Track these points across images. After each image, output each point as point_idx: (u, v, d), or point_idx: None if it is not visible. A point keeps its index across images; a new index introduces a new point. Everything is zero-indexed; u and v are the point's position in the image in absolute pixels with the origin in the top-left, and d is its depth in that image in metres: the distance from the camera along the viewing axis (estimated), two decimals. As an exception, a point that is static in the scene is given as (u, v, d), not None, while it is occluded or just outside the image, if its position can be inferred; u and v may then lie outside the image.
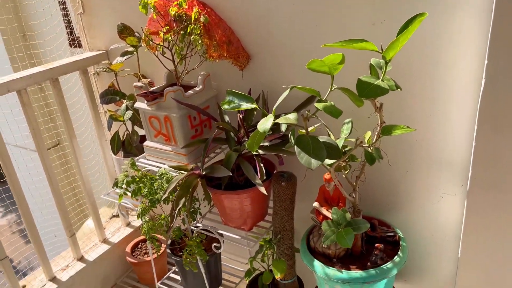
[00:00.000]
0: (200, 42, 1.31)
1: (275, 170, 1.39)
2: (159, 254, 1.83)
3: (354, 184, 1.20)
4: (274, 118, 0.97)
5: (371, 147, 1.12)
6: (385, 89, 0.94)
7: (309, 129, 1.04)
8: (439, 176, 1.26)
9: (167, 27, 1.31)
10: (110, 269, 1.91)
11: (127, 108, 1.56)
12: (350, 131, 1.16)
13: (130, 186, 1.39)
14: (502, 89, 1.01)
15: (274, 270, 1.37)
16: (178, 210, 1.27)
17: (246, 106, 1.03)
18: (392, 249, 1.26)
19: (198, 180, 1.30)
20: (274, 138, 1.29)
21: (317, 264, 1.22)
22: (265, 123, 0.96)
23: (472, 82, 1.10)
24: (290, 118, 0.97)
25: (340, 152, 1.05)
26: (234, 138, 1.36)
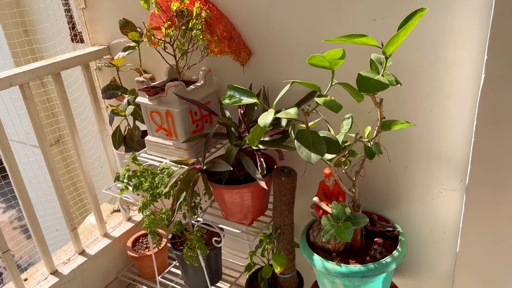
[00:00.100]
0: (201, 37, 1.32)
1: (276, 165, 1.40)
2: (160, 248, 1.84)
3: (354, 179, 1.21)
4: (274, 113, 0.98)
5: (371, 142, 1.12)
6: (385, 84, 0.94)
7: (309, 124, 1.05)
8: (438, 171, 1.26)
9: (169, 22, 1.31)
10: (111, 263, 1.92)
11: (129, 103, 1.56)
12: (350, 126, 1.16)
13: (132, 180, 1.40)
14: (502, 84, 1.01)
15: (274, 264, 1.38)
16: (179, 204, 1.28)
17: (247, 100, 1.04)
18: (391, 243, 1.27)
19: (199, 174, 1.31)
20: (275, 133, 1.30)
21: (316, 258, 1.22)
22: (265, 118, 0.97)
23: (471, 78, 1.11)
24: (290, 112, 0.98)
25: (340, 147, 1.06)
26: (235, 133, 1.36)
